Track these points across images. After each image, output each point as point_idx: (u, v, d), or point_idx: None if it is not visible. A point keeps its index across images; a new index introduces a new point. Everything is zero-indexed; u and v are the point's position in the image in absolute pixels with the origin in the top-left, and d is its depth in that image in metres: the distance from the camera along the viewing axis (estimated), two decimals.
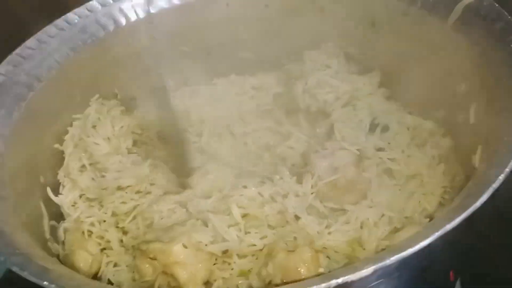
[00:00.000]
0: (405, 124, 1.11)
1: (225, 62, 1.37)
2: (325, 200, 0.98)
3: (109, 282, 0.95)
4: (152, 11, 1.28)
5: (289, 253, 0.82)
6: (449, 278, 0.99)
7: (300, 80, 1.22)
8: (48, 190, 1.04)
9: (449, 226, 0.63)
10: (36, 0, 1.35)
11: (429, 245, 0.65)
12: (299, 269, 0.80)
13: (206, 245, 0.87)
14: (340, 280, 0.63)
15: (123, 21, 1.25)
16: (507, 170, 0.68)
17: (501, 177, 0.67)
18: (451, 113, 1.05)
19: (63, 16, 1.18)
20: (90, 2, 1.22)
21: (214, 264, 0.89)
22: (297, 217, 0.93)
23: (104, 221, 1.00)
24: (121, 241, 0.99)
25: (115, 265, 0.97)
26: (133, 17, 1.26)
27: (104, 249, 0.98)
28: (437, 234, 0.63)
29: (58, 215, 1.06)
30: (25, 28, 1.16)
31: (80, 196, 1.06)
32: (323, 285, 0.63)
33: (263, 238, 0.89)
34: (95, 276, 0.96)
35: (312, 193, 0.98)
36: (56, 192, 1.09)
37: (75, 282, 0.73)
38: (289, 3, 1.31)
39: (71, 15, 1.20)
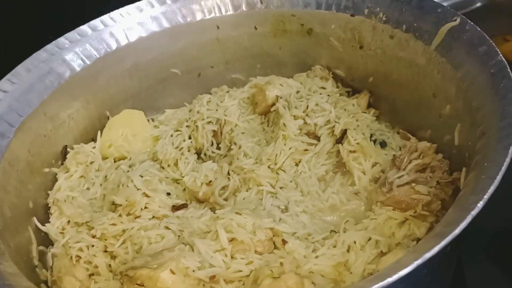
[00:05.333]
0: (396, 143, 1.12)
1: (215, 84, 1.39)
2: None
3: None
4: (143, 34, 1.29)
5: (274, 280, 0.83)
6: None
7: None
8: (34, 219, 1.05)
9: (428, 255, 0.64)
10: None
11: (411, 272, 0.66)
12: None
13: (193, 270, 0.87)
14: None
15: (113, 45, 1.26)
16: (486, 197, 0.69)
17: (480, 205, 0.68)
18: (437, 133, 1.06)
19: (53, 42, 1.20)
20: (81, 27, 1.24)
21: None
22: (284, 242, 0.94)
23: (93, 246, 1.00)
24: (109, 266, 0.99)
25: None
26: (123, 41, 1.27)
27: (92, 274, 0.99)
28: (416, 263, 0.64)
29: (47, 240, 1.06)
30: None
31: (68, 222, 1.06)
32: None
33: (249, 263, 0.90)
34: None
35: None
36: (47, 215, 1.10)
37: None
38: (277, 25, 1.33)
39: (62, 40, 1.21)
